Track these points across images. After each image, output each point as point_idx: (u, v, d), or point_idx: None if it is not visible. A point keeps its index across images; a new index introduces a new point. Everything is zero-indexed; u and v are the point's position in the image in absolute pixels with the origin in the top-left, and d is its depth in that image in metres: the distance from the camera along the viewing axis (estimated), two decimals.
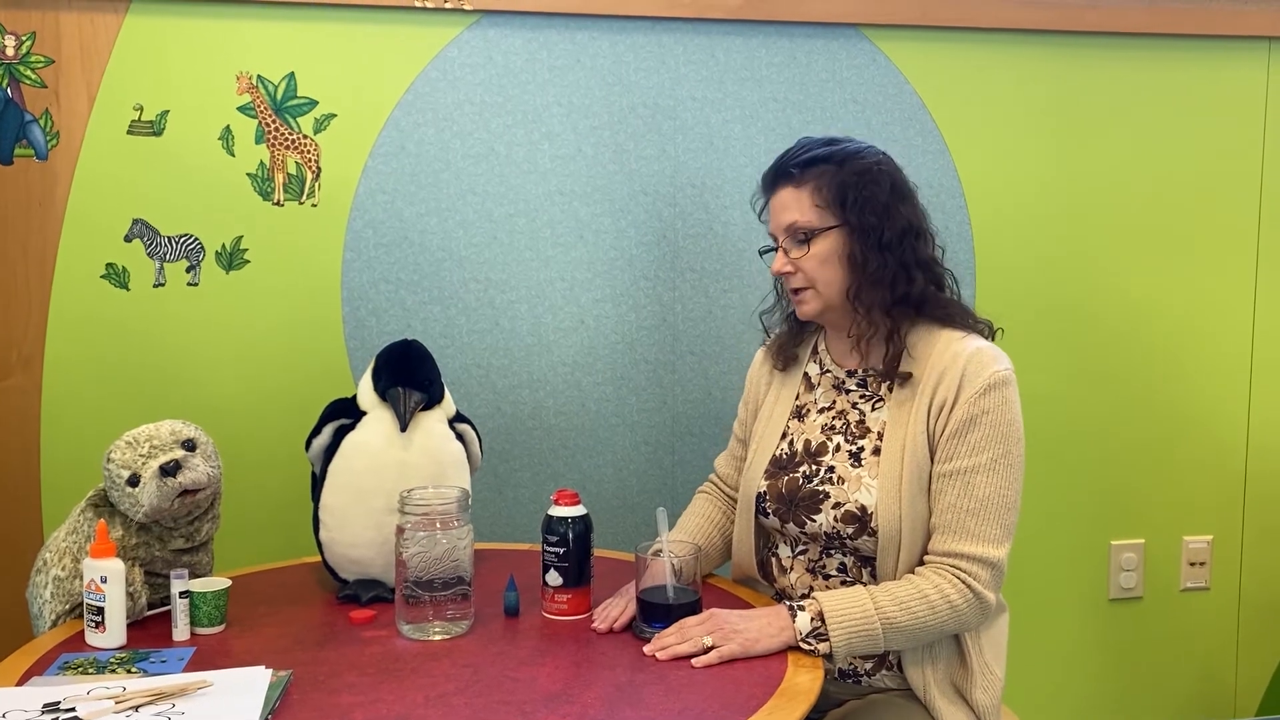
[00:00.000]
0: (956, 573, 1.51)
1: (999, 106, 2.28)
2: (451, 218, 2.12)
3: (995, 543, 1.52)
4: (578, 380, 2.19)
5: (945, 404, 1.54)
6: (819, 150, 1.61)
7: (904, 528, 1.54)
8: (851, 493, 1.58)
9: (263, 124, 2.04)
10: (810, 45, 2.19)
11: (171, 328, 2.04)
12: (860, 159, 1.61)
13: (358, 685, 1.36)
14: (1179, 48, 2.32)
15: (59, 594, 1.55)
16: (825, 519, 1.58)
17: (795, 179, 1.61)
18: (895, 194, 1.60)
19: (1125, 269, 2.36)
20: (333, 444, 1.67)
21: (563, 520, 1.58)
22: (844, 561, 1.61)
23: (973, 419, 1.53)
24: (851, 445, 1.61)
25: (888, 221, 1.58)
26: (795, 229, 1.60)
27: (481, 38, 2.10)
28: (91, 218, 2.00)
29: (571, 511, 1.59)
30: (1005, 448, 1.53)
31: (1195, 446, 2.43)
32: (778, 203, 1.63)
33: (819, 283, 1.61)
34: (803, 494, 1.61)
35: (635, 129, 2.16)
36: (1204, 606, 2.47)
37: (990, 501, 1.52)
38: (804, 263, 1.61)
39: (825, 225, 1.59)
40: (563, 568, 1.57)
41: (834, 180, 1.59)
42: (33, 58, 1.96)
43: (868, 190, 1.58)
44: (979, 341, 1.59)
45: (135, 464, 1.52)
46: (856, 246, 1.58)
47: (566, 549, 1.57)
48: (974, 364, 1.55)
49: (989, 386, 1.53)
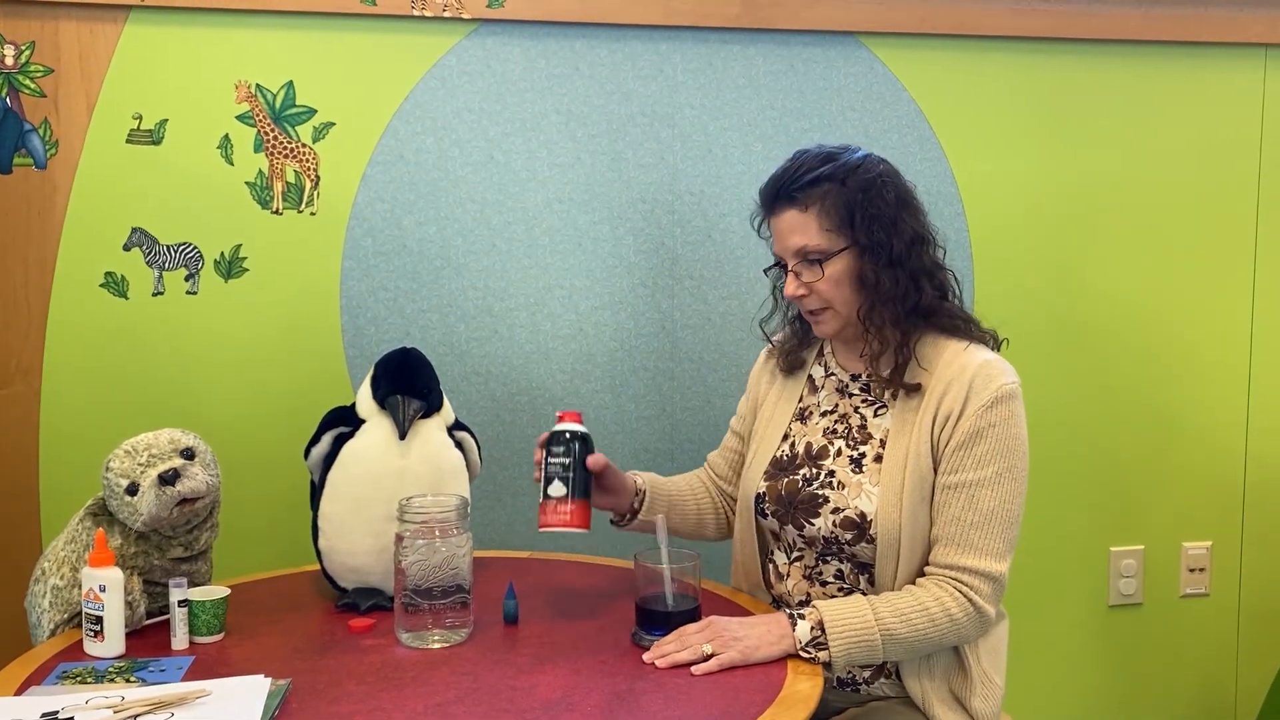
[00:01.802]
0: (958, 586, 1.51)
1: (997, 114, 2.28)
2: (450, 226, 2.12)
3: (997, 557, 1.52)
4: (576, 388, 2.19)
5: (951, 415, 1.54)
6: (821, 169, 1.58)
7: (903, 536, 1.54)
8: (851, 498, 1.58)
9: (261, 133, 2.04)
10: (808, 53, 2.20)
11: (170, 336, 2.04)
12: (862, 172, 1.58)
13: (357, 694, 1.36)
14: (1176, 55, 2.33)
15: (57, 603, 1.55)
16: (824, 523, 1.58)
17: (799, 201, 1.58)
18: (900, 204, 1.59)
19: (1123, 276, 2.36)
20: (332, 452, 1.67)
21: (570, 434, 1.58)
22: (841, 568, 1.61)
23: (979, 432, 1.52)
24: (853, 450, 1.61)
25: (895, 235, 1.57)
26: (806, 253, 1.58)
27: (480, 46, 2.10)
28: (90, 226, 2.01)
29: (576, 427, 1.59)
30: (1010, 461, 1.53)
31: (1194, 452, 2.43)
32: (783, 225, 1.60)
33: (836, 303, 1.60)
34: (802, 497, 1.61)
35: (634, 137, 2.16)
36: (1204, 613, 2.47)
37: (994, 515, 1.52)
38: (818, 286, 1.59)
39: (836, 248, 1.57)
40: (566, 478, 1.56)
41: (839, 200, 1.56)
42: (32, 67, 1.97)
43: (874, 206, 1.56)
44: (986, 353, 1.59)
45: (134, 473, 1.52)
46: (868, 266, 1.57)
47: (572, 459, 1.57)
48: (981, 376, 1.54)
49: (996, 400, 1.53)
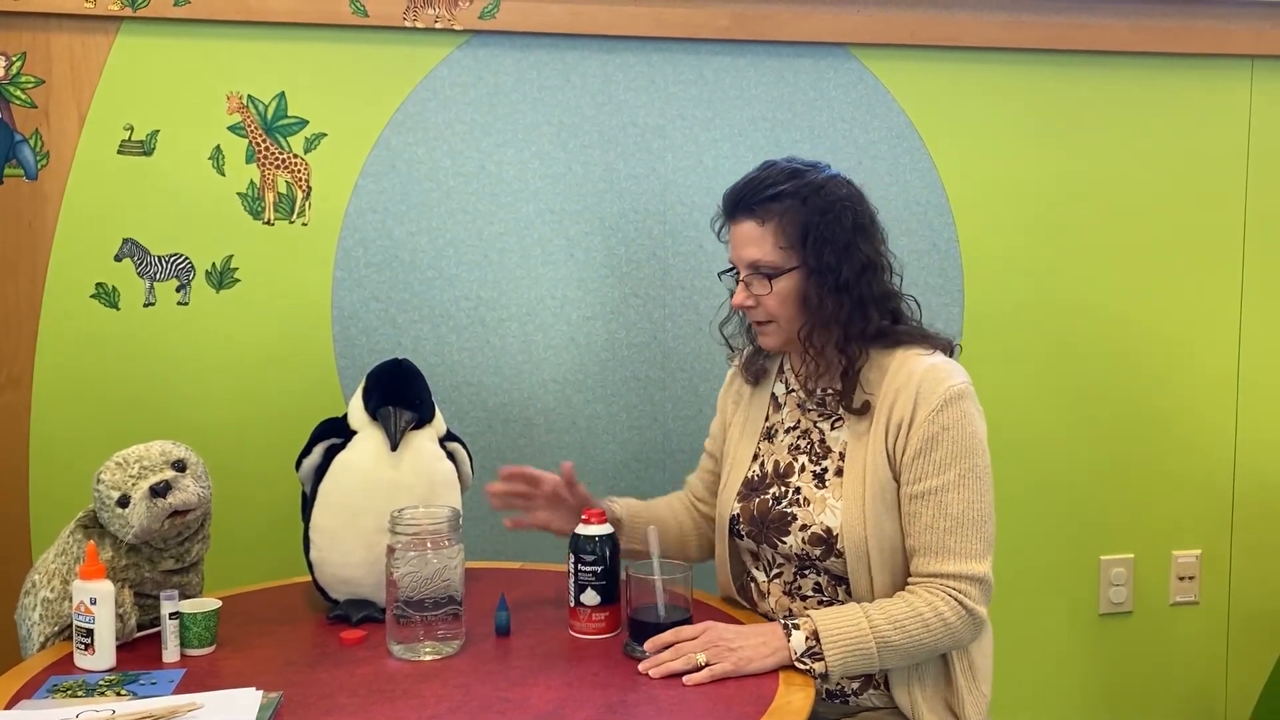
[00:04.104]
0: (948, 592, 1.51)
1: (986, 125, 2.29)
2: (442, 236, 2.13)
3: (978, 558, 1.52)
4: (568, 398, 2.20)
5: (903, 423, 1.54)
6: (784, 185, 1.58)
7: (871, 547, 1.54)
8: (816, 514, 1.58)
9: (253, 143, 2.04)
10: (799, 65, 2.21)
11: (162, 347, 2.04)
12: (824, 194, 1.58)
13: (349, 706, 1.36)
14: (1164, 66, 2.34)
15: (48, 616, 1.55)
16: (794, 540, 1.59)
17: (758, 214, 1.59)
18: (857, 230, 1.59)
19: (1112, 286, 2.37)
20: (323, 463, 1.67)
21: (599, 539, 1.57)
22: (819, 581, 1.61)
23: (933, 437, 1.52)
24: (816, 466, 1.62)
25: (846, 260, 1.56)
26: (758, 266, 1.59)
27: (471, 57, 2.10)
28: (81, 237, 2.00)
29: (603, 530, 1.58)
30: (971, 461, 1.53)
31: (1184, 461, 2.44)
32: (740, 234, 1.61)
33: (781, 319, 1.61)
34: (772, 516, 1.62)
35: (625, 148, 2.17)
36: (1193, 621, 2.48)
37: (965, 517, 1.52)
38: (765, 300, 1.60)
39: (787, 266, 1.58)
40: (600, 586, 1.56)
41: (797, 218, 1.57)
42: (23, 78, 1.96)
43: (829, 230, 1.56)
44: (932, 357, 1.58)
45: (125, 485, 1.51)
46: (813, 288, 1.57)
47: (604, 567, 1.56)
48: (928, 381, 1.54)
49: (945, 402, 1.53)
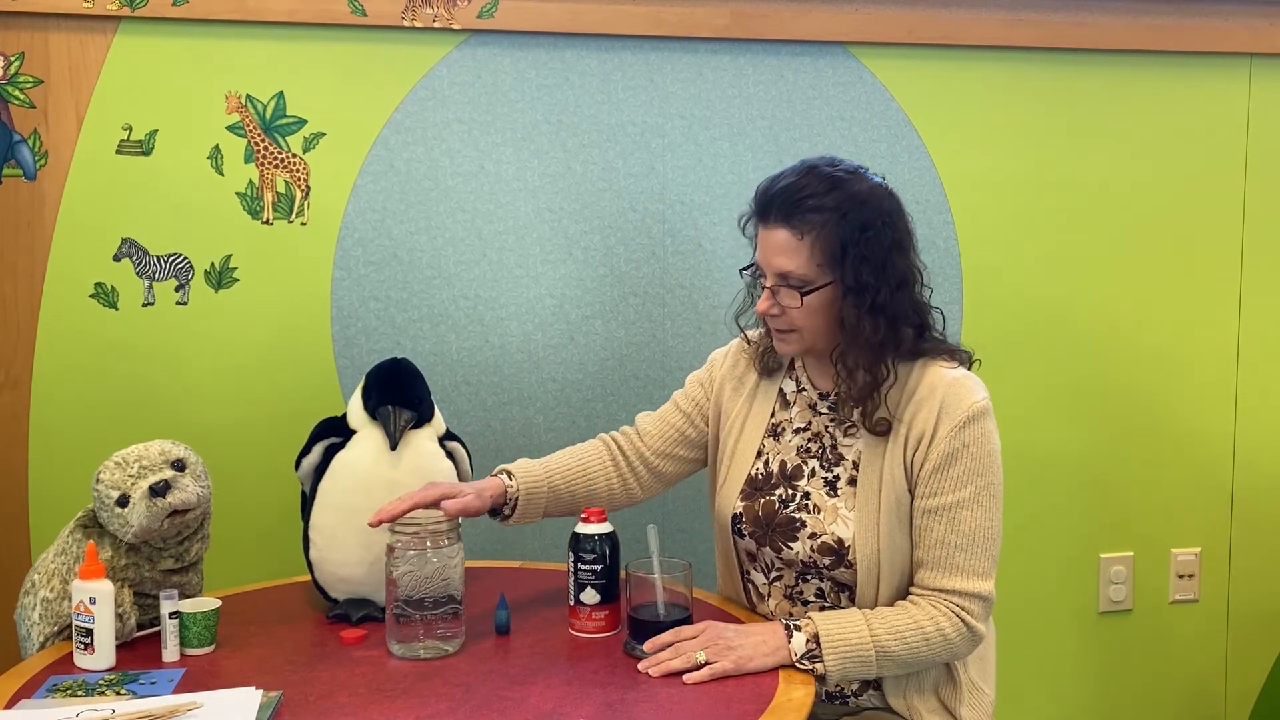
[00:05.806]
0: (950, 608, 1.51)
1: (985, 123, 2.29)
2: (441, 235, 2.13)
3: (983, 575, 1.52)
4: (568, 397, 2.20)
5: (924, 437, 1.53)
6: (825, 197, 1.52)
7: (883, 560, 1.53)
8: (828, 524, 1.56)
9: (252, 143, 2.04)
10: (797, 63, 2.21)
11: (161, 347, 2.04)
12: (865, 209, 1.52)
13: (348, 705, 1.36)
14: (1162, 64, 2.34)
15: (47, 616, 1.55)
16: (802, 548, 1.57)
17: (794, 224, 1.52)
18: (895, 246, 1.54)
19: (1111, 284, 2.37)
20: (322, 463, 1.67)
21: (599, 538, 1.57)
22: (821, 587, 1.60)
23: (954, 454, 1.51)
24: (827, 472, 1.59)
25: (883, 279, 1.51)
26: (789, 277, 1.53)
27: (470, 57, 2.10)
28: (80, 237, 2.00)
29: (603, 529, 1.58)
30: (987, 480, 1.52)
31: (1182, 459, 2.44)
32: (773, 242, 1.54)
33: (805, 330, 1.56)
34: (779, 519, 1.60)
35: (624, 147, 2.17)
36: (1193, 618, 2.48)
37: (976, 535, 1.51)
38: (792, 311, 1.54)
39: (821, 282, 1.52)
40: (600, 585, 1.56)
41: (835, 233, 1.51)
42: (21, 78, 1.96)
43: (868, 248, 1.51)
44: (954, 370, 1.56)
45: (124, 484, 1.51)
46: (849, 308, 1.52)
47: (604, 565, 1.56)
48: (952, 396, 1.52)
49: (969, 419, 1.51)
